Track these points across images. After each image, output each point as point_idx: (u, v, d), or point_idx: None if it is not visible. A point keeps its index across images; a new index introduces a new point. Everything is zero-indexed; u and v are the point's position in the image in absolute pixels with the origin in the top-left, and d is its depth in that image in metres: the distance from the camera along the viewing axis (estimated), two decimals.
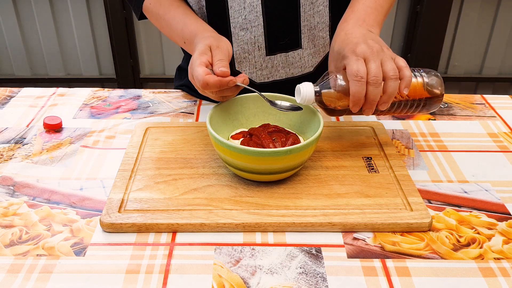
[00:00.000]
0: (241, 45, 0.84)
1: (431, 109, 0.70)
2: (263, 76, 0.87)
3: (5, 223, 0.61)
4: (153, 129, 0.79)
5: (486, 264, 0.55)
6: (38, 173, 0.70)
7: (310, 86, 0.66)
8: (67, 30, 2.29)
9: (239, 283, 0.52)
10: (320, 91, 0.65)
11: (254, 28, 0.82)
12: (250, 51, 0.84)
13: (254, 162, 0.61)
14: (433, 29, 2.18)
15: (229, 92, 0.68)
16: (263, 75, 0.87)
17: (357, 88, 0.62)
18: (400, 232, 0.60)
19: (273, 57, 0.86)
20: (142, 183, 0.66)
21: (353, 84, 0.62)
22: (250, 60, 0.85)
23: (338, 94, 0.65)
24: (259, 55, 0.85)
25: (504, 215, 0.63)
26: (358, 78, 0.61)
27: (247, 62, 0.86)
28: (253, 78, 0.88)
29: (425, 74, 0.68)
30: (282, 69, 0.87)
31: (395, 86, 0.63)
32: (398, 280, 0.53)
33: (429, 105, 0.69)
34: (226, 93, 0.68)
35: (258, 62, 0.85)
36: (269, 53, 0.85)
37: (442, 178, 0.70)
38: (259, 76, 0.87)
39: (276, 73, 0.87)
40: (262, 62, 0.86)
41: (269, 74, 0.87)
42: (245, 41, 0.83)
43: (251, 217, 0.60)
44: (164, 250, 0.57)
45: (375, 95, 0.62)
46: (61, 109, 0.89)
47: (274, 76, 0.88)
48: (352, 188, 0.65)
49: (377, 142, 0.76)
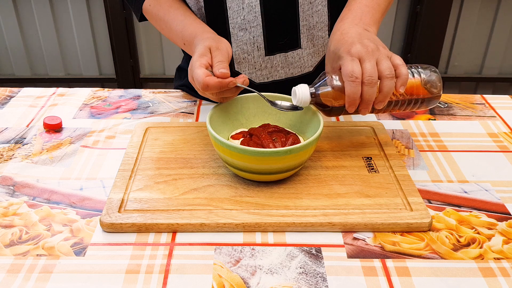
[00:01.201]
0: (240, 45, 0.84)
1: (430, 105, 0.70)
2: (263, 76, 0.87)
3: (5, 223, 0.61)
4: (153, 129, 0.79)
5: (486, 264, 0.55)
6: (38, 173, 0.70)
7: (306, 88, 0.66)
8: (67, 30, 2.30)
9: (239, 283, 0.52)
10: (316, 92, 0.66)
11: (253, 28, 0.82)
12: (249, 51, 0.84)
13: (254, 162, 0.61)
14: (433, 29, 2.18)
15: (229, 93, 0.68)
16: (262, 75, 0.87)
17: (352, 88, 0.62)
18: (400, 232, 0.60)
19: (273, 57, 0.86)
20: (142, 183, 0.66)
21: (348, 84, 0.62)
22: (249, 61, 0.85)
23: (334, 94, 0.65)
24: (258, 55, 0.85)
25: (504, 215, 0.63)
26: (353, 79, 0.61)
27: (247, 63, 0.86)
28: (252, 78, 0.88)
29: (422, 70, 0.68)
30: (281, 69, 0.87)
31: (391, 85, 0.62)
32: (398, 280, 0.53)
33: (428, 102, 0.69)
34: (226, 94, 0.68)
35: (258, 62, 0.86)
36: (268, 53, 0.85)
37: (442, 178, 0.70)
38: (259, 76, 0.87)
39: (276, 73, 0.87)
40: (262, 62, 0.86)
41: (268, 74, 0.87)
42: (244, 42, 0.83)
43: (251, 217, 0.60)
44: (164, 250, 0.57)
45: (371, 95, 0.62)
46: (61, 109, 0.89)
47: (274, 76, 0.88)
48: (352, 188, 0.65)
49: (377, 142, 0.76)
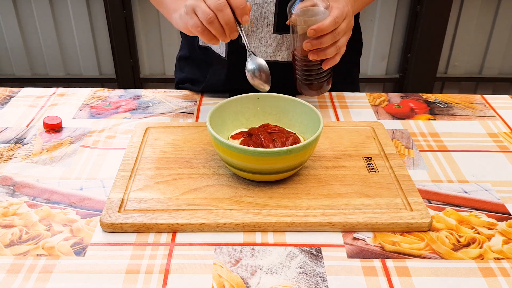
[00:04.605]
0: (251, 19, 0.85)
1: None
2: (267, 53, 0.89)
3: (5, 223, 0.61)
4: (153, 129, 0.79)
5: (486, 264, 0.55)
6: (38, 173, 0.70)
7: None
8: (67, 30, 2.29)
9: (239, 283, 0.52)
10: (295, 12, 0.75)
11: (266, 4, 0.84)
12: (259, 25, 0.86)
13: (254, 162, 0.61)
14: (433, 29, 2.18)
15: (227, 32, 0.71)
16: (267, 52, 0.89)
17: (330, 23, 0.72)
18: (400, 232, 0.60)
19: (280, 36, 0.87)
20: (142, 183, 0.66)
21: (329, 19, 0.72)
22: (257, 35, 0.87)
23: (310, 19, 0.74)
24: (267, 31, 0.87)
25: (504, 215, 0.63)
26: (335, 22, 0.73)
27: (254, 36, 0.87)
28: (257, 53, 0.89)
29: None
30: (286, 50, 0.88)
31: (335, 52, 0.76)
32: (398, 280, 0.53)
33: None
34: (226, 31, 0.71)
35: (264, 38, 0.87)
36: (276, 31, 0.86)
37: (442, 178, 0.70)
38: (263, 52, 0.89)
39: (280, 53, 0.88)
40: (268, 38, 0.87)
41: (272, 53, 0.89)
42: (255, 16, 0.85)
43: (251, 217, 0.60)
44: (164, 250, 0.57)
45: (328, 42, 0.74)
46: (61, 109, 0.89)
47: (277, 56, 0.89)
48: (352, 188, 0.65)
49: (377, 142, 0.76)
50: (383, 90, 2.48)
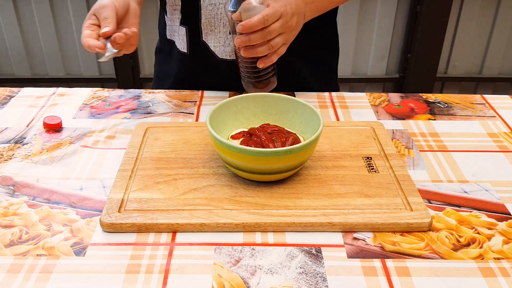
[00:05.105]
0: (209, 18, 0.88)
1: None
2: (226, 53, 0.91)
3: (5, 223, 0.61)
4: (153, 129, 0.79)
5: (486, 264, 0.55)
6: (38, 173, 0.70)
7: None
8: (67, 30, 2.30)
9: (239, 283, 0.52)
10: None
11: (221, 5, 0.86)
12: (216, 25, 0.88)
13: (254, 162, 0.61)
14: (433, 29, 2.18)
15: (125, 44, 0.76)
16: (225, 51, 0.91)
17: (258, 20, 0.72)
18: (400, 232, 0.60)
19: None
20: (142, 183, 0.66)
21: (258, 16, 0.72)
22: (215, 34, 0.89)
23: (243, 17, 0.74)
24: (224, 31, 0.88)
25: (504, 215, 0.63)
26: (264, 19, 0.72)
27: (213, 35, 0.89)
28: (216, 52, 0.91)
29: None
30: None
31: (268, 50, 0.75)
32: (398, 280, 0.53)
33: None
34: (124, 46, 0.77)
35: (222, 38, 0.89)
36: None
37: (442, 178, 0.70)
38: (222, 52, 0.91)
39: None
40: (225, 39, 0.89)
41: (231, 52, 0.91)
42: (212, 16, 0.87)
43: (251, 217, 0.60)
44: (164, 250, 0.57)
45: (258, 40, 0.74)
46: (61, 109, 0.89)
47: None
48: (352, 188, 0.65)
49: (377, 142, 0.76)
50: (383, 90, 2.48)
